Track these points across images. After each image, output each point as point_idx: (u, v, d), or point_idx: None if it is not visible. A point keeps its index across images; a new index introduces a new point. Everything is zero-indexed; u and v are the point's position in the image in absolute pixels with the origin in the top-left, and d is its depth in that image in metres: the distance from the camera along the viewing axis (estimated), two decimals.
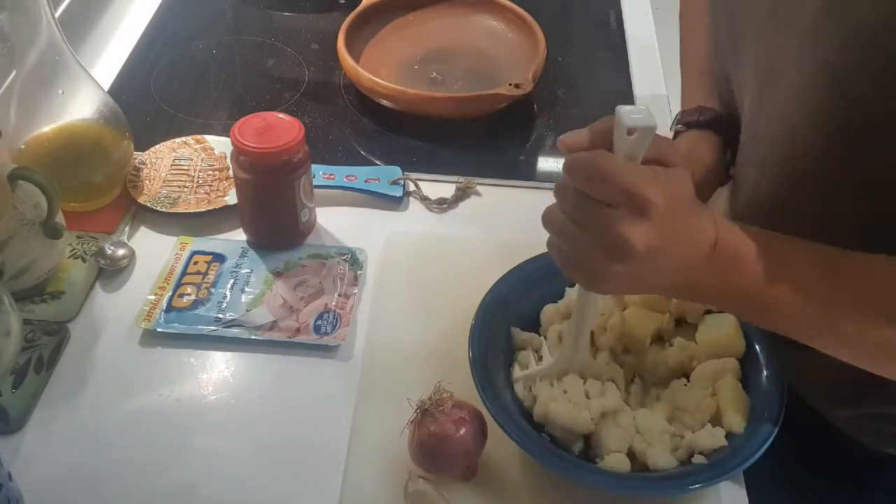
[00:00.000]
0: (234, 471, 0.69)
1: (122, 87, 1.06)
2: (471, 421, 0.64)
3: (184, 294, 0.80)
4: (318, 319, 0.78)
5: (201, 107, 1.06)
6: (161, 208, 0.88)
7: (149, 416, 0.72)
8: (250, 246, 0.85)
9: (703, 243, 0.57)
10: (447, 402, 0.64)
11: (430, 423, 0.63)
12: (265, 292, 0.81)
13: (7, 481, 0.60)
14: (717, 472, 0.63)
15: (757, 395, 0.68)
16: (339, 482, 0.67)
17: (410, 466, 0.66)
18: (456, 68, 1.10)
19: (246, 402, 0.73)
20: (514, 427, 0.65)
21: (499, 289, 0.75)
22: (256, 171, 0.80)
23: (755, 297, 0.59)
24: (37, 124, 0.84)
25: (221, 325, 0.78)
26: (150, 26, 1.18)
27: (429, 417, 0.64)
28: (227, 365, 0.76)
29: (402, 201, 0.92)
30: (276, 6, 1.24)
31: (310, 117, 1.04)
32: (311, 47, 1.16)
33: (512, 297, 0.75)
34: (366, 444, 0.69)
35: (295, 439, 0.71)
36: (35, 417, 0.71)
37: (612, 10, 1.25)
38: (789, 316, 0.60)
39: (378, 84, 0.99)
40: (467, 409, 0.65)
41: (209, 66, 1.13)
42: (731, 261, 0.58)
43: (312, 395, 0.74)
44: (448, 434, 0.63)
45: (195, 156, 0.94)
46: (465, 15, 1.15)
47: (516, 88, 0.98)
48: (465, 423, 0.64)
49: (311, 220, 0.87)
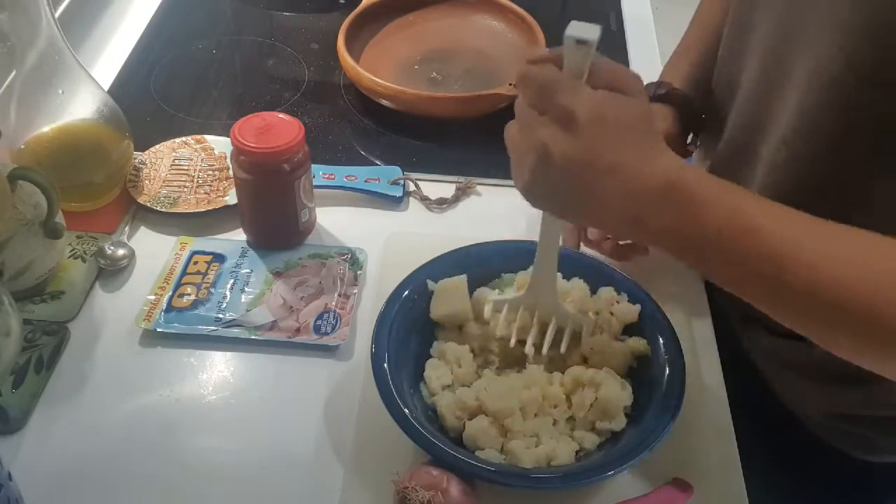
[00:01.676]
0: (234, 471, 0.69)
1: (122, 87, 1.06)
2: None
3: (184, 294, 0.80)
4: (318, 319, 0.78)
5: (201, 107, 1.06)
6: (161, 208, 0.88)
7: (149, 416, 0.72)
8: (250, 246, 0.85)
9: (654, 175, 0.55)
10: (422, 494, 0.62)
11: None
12: (265, 292, 0.81)
13: (7, 481, 0.60)
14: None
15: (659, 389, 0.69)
16: (340, 482, 0.67)
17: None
18: (456, 68, 1.10)
19: (246, 402, 0.73)
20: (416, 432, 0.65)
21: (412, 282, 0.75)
22: (256, 171, 0.80)
23: (711, 245, 0.56)
24: (37, 124, 0.84)
25: (221, 325, 0.78)
26: (150, 26, 1.18)
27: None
28: (227, 365, 0.76)
29: (402, 201, 0.92)
30: (276, 6, 1.24)
31: (310, 117, 1.04)
32: (311, 47, 1.16)
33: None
34: (366, 444, 0.69)
35: (295, 439, 0.71)
36: (35, 417, 0.71)
37: (612, 10, 1.25)
38: (742, 272, 0.57)
39: (378, 84, 0.99)
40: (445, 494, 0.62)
41: (209, 66, 1.13)
42: (689, 202, 0.55)
43: (312, 395, 0.73)
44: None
45: (195, 156, 0.94)
46: (465, 15, 1.15)
47: (516, 88, 0.97)
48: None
49: (311, 220, 0.87)
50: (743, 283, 0.58)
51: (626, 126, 0.56)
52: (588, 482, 0.65)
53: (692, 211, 0.55)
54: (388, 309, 0.73)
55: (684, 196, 0.55)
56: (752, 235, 0.55)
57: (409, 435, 0.64)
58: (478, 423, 0.67)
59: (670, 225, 0.56)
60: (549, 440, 0.67)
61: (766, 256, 0.55)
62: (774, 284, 0.55)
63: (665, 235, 0.57)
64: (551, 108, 0.55)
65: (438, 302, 0.74)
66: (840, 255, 0.54)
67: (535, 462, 0.65)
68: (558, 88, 0.55)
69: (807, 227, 0.56)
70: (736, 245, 0.55)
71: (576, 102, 0.54)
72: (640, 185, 0.55)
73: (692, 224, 0.55)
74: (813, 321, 0.57)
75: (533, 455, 0.65)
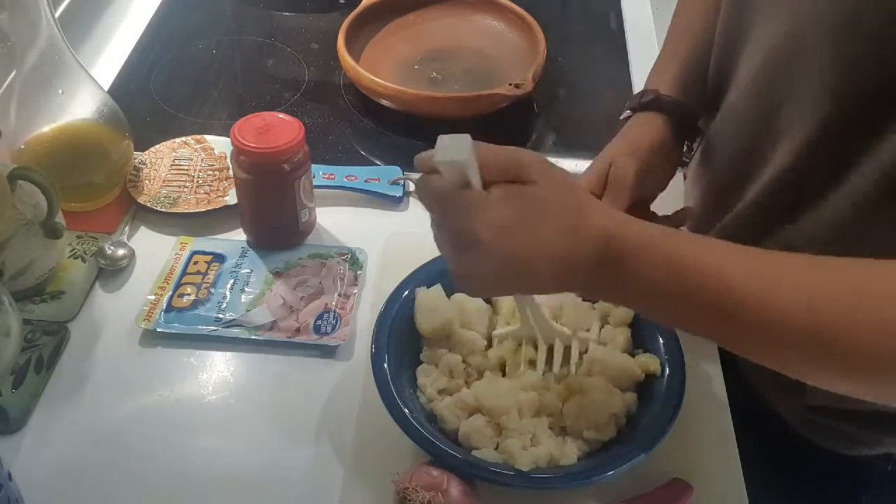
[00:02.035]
0: (234, 471, 0.69)
1: (122, 87, 1.06)
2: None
3: (184, 294, 0.80)
4: (318, 319, 0.78)
5: (201, 107, 1.06)
6: (161, 208, 0.88)
7: (149, 416, 0.72)
8: (250, 246, 0.85)
9: (585, 243, 0.55)
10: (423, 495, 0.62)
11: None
12: (265, 292, 0.81)
13: (7, 481, 0.60)
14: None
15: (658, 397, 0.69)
16: (340, 482, 0.67)
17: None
18: (456, 68, 1.10)
19: (246, 402, 0.73)
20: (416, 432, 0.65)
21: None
22: (256, 171, 0.80)
23: (652, 293, 0.56)
24: (37, 124, 0.84)
25: (221, 325, 0.78)
26: (150, 26, 1.18)
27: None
28: (227, 365, 0.76)
29: (402, 201, 0.92)
30: (276, 6, 1.24)
31: (310, 117, 1.04)
32: (311, 47, 1.16)
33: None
34: (366, 444, 0.69)
35: (295, 439, 0.71)
36: (35, 417, 0.71)
37: (612, 10, 1.25)
38: (693, 315, 0.57)
39: (378, 84, 0.99)
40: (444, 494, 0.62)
41: (209, 66, 1.13)
42: (624, 257, 0.55)
43: (312, 395, 0.73)
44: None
45: (195, 156, 0.94)
46: (465, 15, 1.15)
47: (516, 88, 0.98)
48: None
49: (311, 220, 0.87)
50: (692, 324, 0.59)
51: (535, 219, 0.54)
52: (588, 482, 0.65)
53: (628, 264, 0.55)
54: (388, 309, 0.73)
55: (618, 252, 0.55)
56: (693, 274, 0.55)
57: (409, 435, 0.64)
58: (473, 422, 0.67)
59: (611, 284, 0.57)
60: (546, 439, 0.67)
61: (712, 293, 0.54)
62: (723, 323, 0.56)
63: (611, 294, 0.59)
64: (452, 234, 0.56)
65: (422, 319, 0.73)
66: (788, 283, 0.54)
67: (532, 463, 0.64)
68: (452, 210, 0.54)
69: (751, 259, 0.56)
70: (678, 287, 0.55)
71: (473, 222, 0.53)
72: (575, 257, 0.55)
73: (631, 276, 0.55)
74: (762, 349, 0.57)
75: (531, 455, 0.65)
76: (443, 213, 0.56)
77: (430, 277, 0.75)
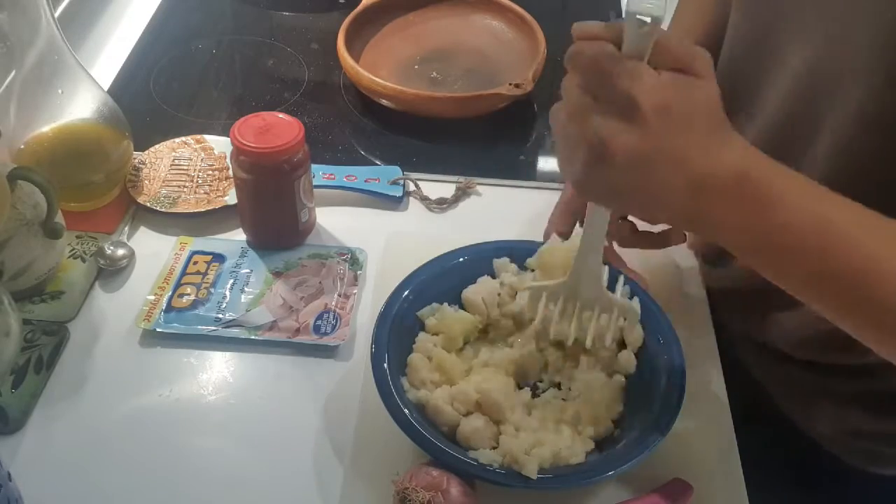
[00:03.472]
0: (234, 471, 0.69)
1: (122, 87, 1.06)
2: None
3: (183, 294, 0.80)
4: (318, 319, 0.78)
5: (201, 107, 1.06)
6: (161, 208, 0.88)
7: (149, 416, 0.72)
8: (250, 246, 0.85)
9: (723, 169, 0.51)
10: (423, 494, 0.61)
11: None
12: (265, 292, 0.80)
13: (7, 481, 0.60)
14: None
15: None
16: (340, 482, 0.67)
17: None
18: (456, 68, 1.10)
19: (246, 402, 0.73)
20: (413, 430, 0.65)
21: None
22: (256, 171, 0.80)
23: (781, 246, 0.52)
24: (36, 124, 0.84)
25: (221, 325, 0.78)
26: (150, 26, 1.18)
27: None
28: (226, 365, 0.76)
29: (402, 201, 0.92)
30: (276, 6, 1.24)
31: (310, 117, 1.04)
32: (311, 47, 1.16)
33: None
34: (366, 444, 0.69)
35: (295, 439, 0.70)
36: (35, 417, 0.71)
37: (612, 10, 1.25)
38: (815, 279, 0.53)
39: (378, 84, 0.99)
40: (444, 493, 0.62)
41: (209, 66, 1.13)
42: (759, 198, 0.51)
43: (312, 395, 0.73)
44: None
45: (195, 156, 0.94)
46: (465, 15, 1.15)
47: (516, 88, 0.98)
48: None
49: (311, 220, 0.87)
50: (812, 290, 0.54)
51: (692, 115, 0.50)
52: (588, 482, 0.65)
53: (762, 209, 0.51)
54: (388, 309, 0.73)
55: (754, 192, 0.51)
56: (829, 238, 0.51)
57: (409, 435, 0.64)
58: (472, 422, 0.66)
59: (738, 223, 0.52)
60: (549, 435, 0.66)
61: (847, 266, 0.51)
62: (854, 294, 0.52)
63: (732, 233, 0.53)
64: (609, 95, 0.50)
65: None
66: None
67: (537, 468, 0.64)
68: (617, 72, 0.49)
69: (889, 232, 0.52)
70: (811, 249, 0.51)
71: (637, 89, 0.49)
72: (707, 180, 0.51)
73: (762, 222, 0.51)
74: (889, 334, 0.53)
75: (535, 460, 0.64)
76: (601, 76, 0.50)
77: (429, 277, 0.75)
